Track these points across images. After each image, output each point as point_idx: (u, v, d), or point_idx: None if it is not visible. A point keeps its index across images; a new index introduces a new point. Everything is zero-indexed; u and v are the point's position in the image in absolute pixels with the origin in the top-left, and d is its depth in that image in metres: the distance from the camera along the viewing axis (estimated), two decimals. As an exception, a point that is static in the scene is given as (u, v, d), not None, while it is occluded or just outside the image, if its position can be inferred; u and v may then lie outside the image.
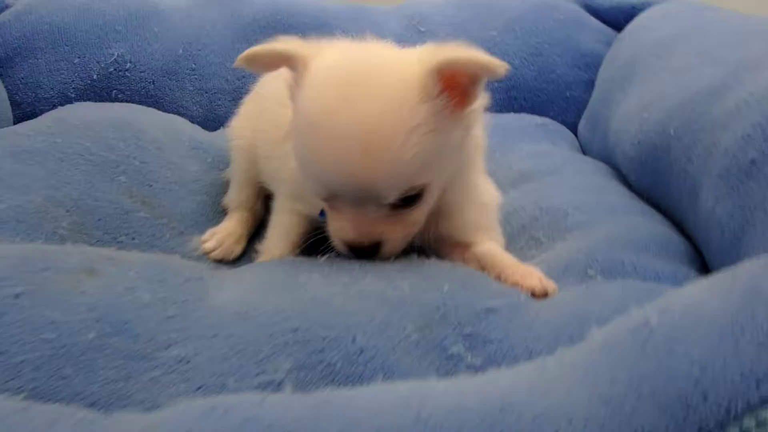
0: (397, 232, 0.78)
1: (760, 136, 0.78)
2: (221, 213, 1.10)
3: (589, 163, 1.22)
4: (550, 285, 0.77)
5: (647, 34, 1.28)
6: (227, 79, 1.45)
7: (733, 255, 0.78)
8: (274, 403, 0.51)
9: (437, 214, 0.83)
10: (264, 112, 1.03)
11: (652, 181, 1.01)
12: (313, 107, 0.73)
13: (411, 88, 0.72)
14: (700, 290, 0.55)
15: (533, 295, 0.76)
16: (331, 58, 0.76)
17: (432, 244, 0.87)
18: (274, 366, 0.63)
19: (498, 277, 0.79)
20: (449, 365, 0.66)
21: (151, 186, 1.05)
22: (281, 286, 0.73)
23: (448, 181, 0.80)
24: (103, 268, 0.72)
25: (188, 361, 0.63)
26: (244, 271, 0.81)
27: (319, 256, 0.82)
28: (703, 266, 0.89)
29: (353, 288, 0.72)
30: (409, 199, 0.76)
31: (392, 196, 0.74)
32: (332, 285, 0.73)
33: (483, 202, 0.89)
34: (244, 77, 1.44)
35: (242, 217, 1.07)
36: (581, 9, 1.58)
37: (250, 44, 1.42)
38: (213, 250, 1.00)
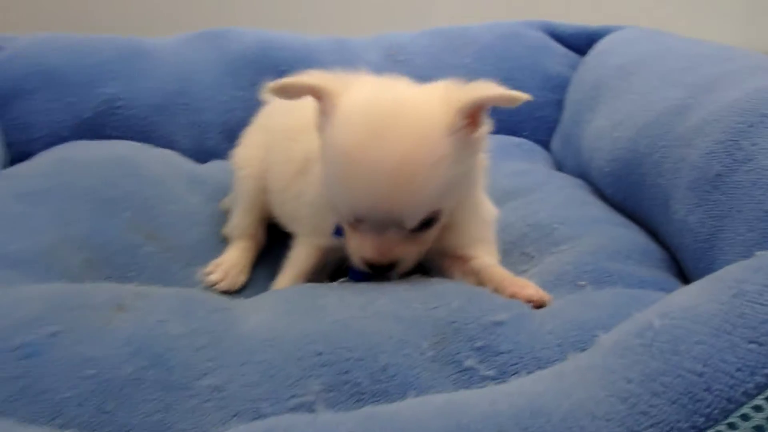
0: (412, 252, 0.84)
1: (722, 152, 0.86)
2: (223, 243, 1.13)
3: (567, 179, 1.30)
4: (546, 295, 0.83)
5: (610, 58, 1.38)
6: (216, 113, 1.50)
7: (706, 260, 0.86)
8: (326, 420, 0.55)
9: (443, 229, 0.88)
10: (273, 147, 1.07)
11: (627, 194, 1.09)
12: (345, 141, 0.79)
13: (436, 124, 0.79)
14: (692, 295, 0.62)
15: (531, 305, 0.81)
16: (360, 95, 0.82)
17: (435, 257, 0.92)
18: (305, 389, 0.66)
19: (496, 290, 0.84)
20: (465, 377, 0.70)
21: (155, 220, 1.08)
22: (302, 311, 0.76)
23: (459, 201, 0.87)
24: (132, 303, 0.74)
25: (222, 390, 0.66)
26: (264, 298, 0.84)
27: (329, 281, 0.87)
28: (680, 271, 0.95)
29: (369, 309, 0.76)
30: (426, 223, 0.83)
31: (414, 222, 0.81)
32: (349, 307, 0.77)
33: (484, 218, 0.95)
34: (233, 110, 1.49)
35: (245, 247, 1.09)
36: (546, 36, 1.67)
37: (239, 78, 1.53)
38: (218, 281, 1.02)
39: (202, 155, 1.47)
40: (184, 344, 0.70)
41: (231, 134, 1.27)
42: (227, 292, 1.02)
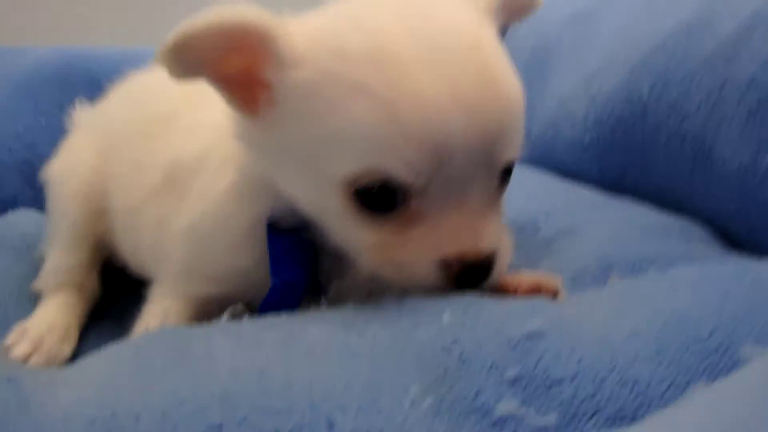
0: (505, 238, 0.52)
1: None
2: (30, 302, 0.76)
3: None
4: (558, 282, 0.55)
5: (552, 13, 1.08)
6: (11, 149, 1.09)
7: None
8: None
9: None
10: (118, 150, 0.75)
11: (626, 162, 0.80)
12: (376, 44, 0.48)
13: (477, 6, 0.54)
14: None
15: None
16: (346, 11, 0.52)
17: None
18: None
19: (501, 288, 0.52)
20: (506, 436, 0.39)
21: None
22: (166, 365, 0.44)
23: None
24: None
25: None
26: (89, 359, 0.48)
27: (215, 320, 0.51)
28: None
29: (295, 346, 0.44)
30: (506, 175, 0.53)
31: (515, 149, 0.51)
32: (256, 347, 0.44)
33: None
34: (34, 144, 1.10)
35: (67, 301, 0.75)
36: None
37: (39, 101, 1.10)
38: (29, 354, 0.66)
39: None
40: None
41: (35, 175, 0.86)
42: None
